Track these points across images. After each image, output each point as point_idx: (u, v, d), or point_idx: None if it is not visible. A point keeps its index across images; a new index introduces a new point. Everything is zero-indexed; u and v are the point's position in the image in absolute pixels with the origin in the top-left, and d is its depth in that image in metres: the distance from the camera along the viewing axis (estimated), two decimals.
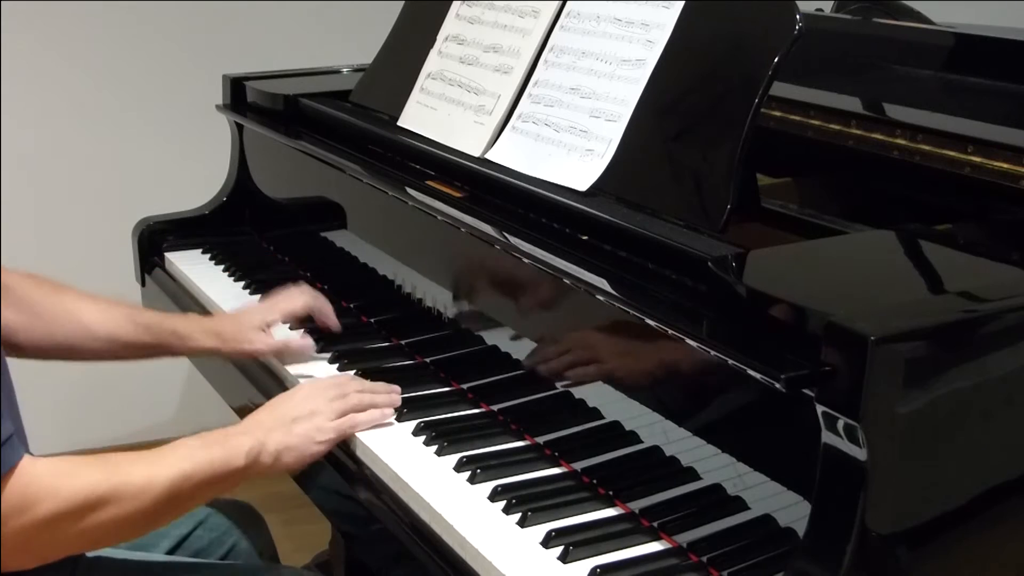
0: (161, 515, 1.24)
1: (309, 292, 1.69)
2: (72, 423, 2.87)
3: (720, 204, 1.28)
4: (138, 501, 1.18)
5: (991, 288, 1.14)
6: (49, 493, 1.13)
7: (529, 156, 1.52)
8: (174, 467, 1.22)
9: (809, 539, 1.03)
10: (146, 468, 1.21)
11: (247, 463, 1.29)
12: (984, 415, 1.08)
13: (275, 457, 1.32)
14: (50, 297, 1.52)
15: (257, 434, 1.32)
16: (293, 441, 1.34)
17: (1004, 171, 1.46)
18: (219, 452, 1.27)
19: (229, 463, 1.27)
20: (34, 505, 1.12)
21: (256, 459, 1.30)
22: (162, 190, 2.67)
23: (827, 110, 1.70)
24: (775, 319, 1.08)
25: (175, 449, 1.25)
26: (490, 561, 1.17)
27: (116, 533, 1.22)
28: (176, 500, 1.22)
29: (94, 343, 1.54)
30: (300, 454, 1.35)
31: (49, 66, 2.74)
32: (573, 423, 1.36)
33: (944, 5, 2.25)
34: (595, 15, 1.53)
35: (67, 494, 1.14)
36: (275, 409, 1.39)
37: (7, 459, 1.11)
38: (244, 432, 1.33)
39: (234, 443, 1.29)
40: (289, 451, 1.33)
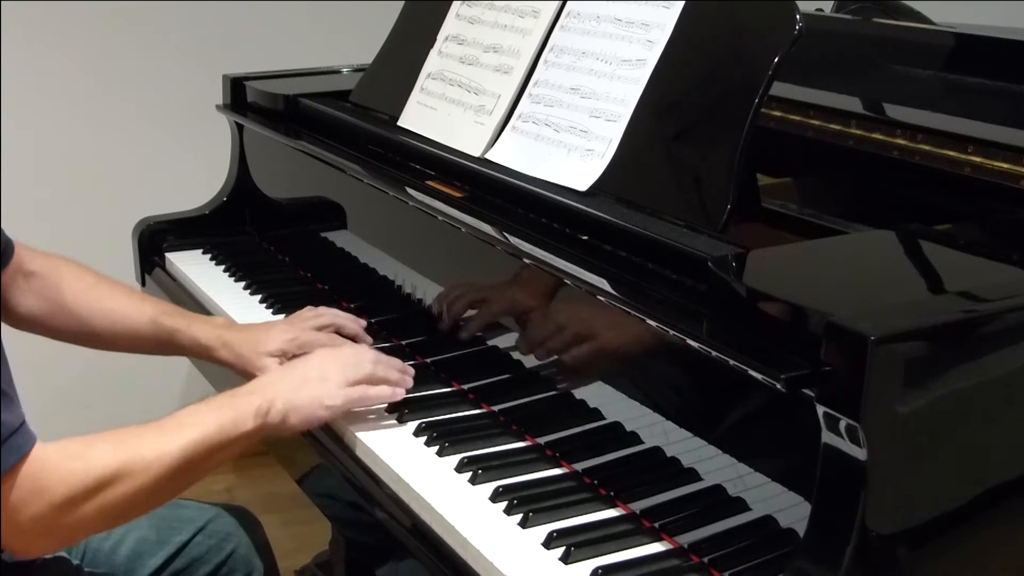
0: (176, 484, 1.24)
1: (329, 321, 1.63)
2: (72, 423, 2.85)
3: (720, 204, 1.28)
4: (151, 473, 1.19)
5: (991, 288, 1.14)
6: (62, 476, 1.14)
7: (529, 156, 1.52)
8: (183, 435, 1.23)
9: (809, 539, 1.03)
10: (156, 439, 1.21)
11: (256, 424, 1.29)
12: (984, 415, 1.08)
13: (283, 416, 1.32)
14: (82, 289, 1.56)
15: (266, 392, 1.32)
16: (301, 402, 1.34)
17: (1004, 171, 1.46)
18: (228, 414, 1.27)
19: (239, 425, 1.27)
20: (49, 489, 1.13)
21: (265, 418, 1.30)
22: (162, 190, 2.67)
23: (827, 110, 1.70)
24: (775, 319, 1.08)
25: (183, 417, 1.26)
26: (491, 562, 1.17)
27: (134, 507, 1.22)
28: (189, 467, 1.23)
29: (117, 339, 1.59)
30: (306, 416, 1.34)
31: (49, 66, 2.74)
32: (574, 424, 1.36)
33: (944, 5, 2.25)
34: (595, 15, 1.53)
35: (80, 475, 1.15)
36: (288, 370, 1.40)
37: (19, 446, 1.12)
38: (252, 391, 1.33)
39: (242, 403, 1.30)
40: (296, 411, 1.33)
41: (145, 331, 1.59)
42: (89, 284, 1.58)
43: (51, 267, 1.56)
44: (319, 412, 1.36)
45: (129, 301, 1.60)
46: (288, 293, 1.88)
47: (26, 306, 1.53)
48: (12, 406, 1.13)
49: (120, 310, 1.58)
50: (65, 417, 2.83)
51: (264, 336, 1.58)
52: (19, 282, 1.52)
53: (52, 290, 1.54)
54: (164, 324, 1.59)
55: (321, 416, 1.36)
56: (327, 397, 1.36)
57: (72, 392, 2.84)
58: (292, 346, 1.58)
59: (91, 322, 1.57)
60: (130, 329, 1.58)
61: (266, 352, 1.56)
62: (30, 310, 1.53)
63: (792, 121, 1.73)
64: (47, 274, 1.54)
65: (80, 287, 1.57)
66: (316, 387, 1.36)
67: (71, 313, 1.56)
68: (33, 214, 2.74)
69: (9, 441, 1.11)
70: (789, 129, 1.73)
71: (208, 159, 2.42)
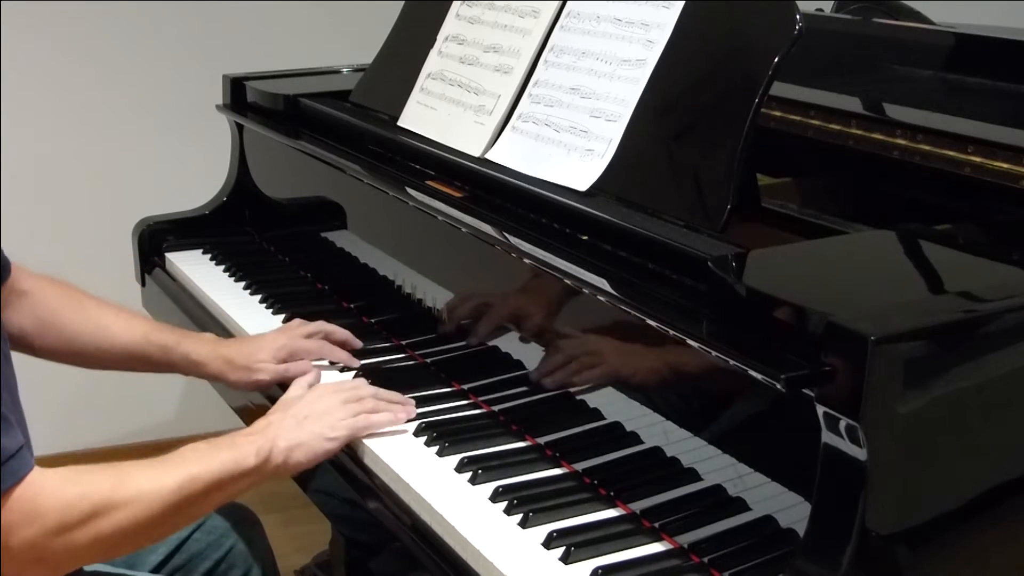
0: (171, 519, 1.23)
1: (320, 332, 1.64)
2: (72, 423, 2.86)
3: (720, 204, 1.28)
4: (146, 506, 1.18)
5: (991, 288, 1.14)
6: (57, 502, 1.13)
7: (529, 156, 1.52)
8: (183, 471, 1.22)
9: (809, 539, 1.03)
10: (153, 472, 1.21)
11: (258, 462, 1.28)
12: (984, 415, 1.08)
13: (286, 455, 1.31)
14: (72, 308, 1.56)
15: (267, 433, 1.32)
16: (304, 438, 1.33)
17: (1004, 171, 1.46)
18: (228, 453, 1.27)
19: (239, 463, 1.27)
20: (43, 515, 1.12)
21: (267, 458, 1.29)
22: (162, 190, 2.67)
23: (827, 110, 1.70)
24: (775, 319, 1.08)
25: (183, 453, 1.25)
26: (491, 562, 1.17)
27: (128, 540, 1.21)
28: (186, 504, 1.22)
29: (106, 356, 1.58)
30: (311, 451, 1.34)
31: (49, 66, 2.74)
32: (574, 424, 1.36)
33: (944, 5, 2.25)
34: (595, 15, 1.53)
35: (74, 502, 1.14)
36: (286, 408, 1.39)
37: (16, 470, 1.11)
38: (253, 432, 1.33)
39: (243, 442, 1.29)
40: (300, 448, 1.33)
41: (136, 349, 1.58)
42: (79, 303, 1.57)
43: (42, 287, 1.54)
44: (324, 445, 1.35)
45: (119, 319, 1.59)
46: (288, 293, 1.88)
47: (18, 325, 1.51)
48: (11, 431, 1.12)
49: (110, 328, 1.57)
50: (66, 417, 2.83)
51: (256, 346, 1.60)
52: (12, 301, 1.50)
53: (43, 309, 1.54)
54: (154, 341, 1.58)
55: (327, 448, 1.36)
56: (330, 430, 1.36)
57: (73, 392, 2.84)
58: (283, 353, 1.59)
59: (81, 341, 1.56)
60: (120, 347, 1.58)
61: (258, 359, 1.57)
62: (22, 329, 1.52)
63: (792, 121, 1.73)
64: (38, 293, 1.53)
65: (70, 306, 1.56)
66: (317, 422, 1.36)
67: (61, 332, 1.55)
68: (33, 214, 2.74)
69: (7, 465, 1.10)
70: (789, 129, 1.73)
71: (208, 159, 2.42)
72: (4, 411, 1.11)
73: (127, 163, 2.84)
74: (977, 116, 1.62)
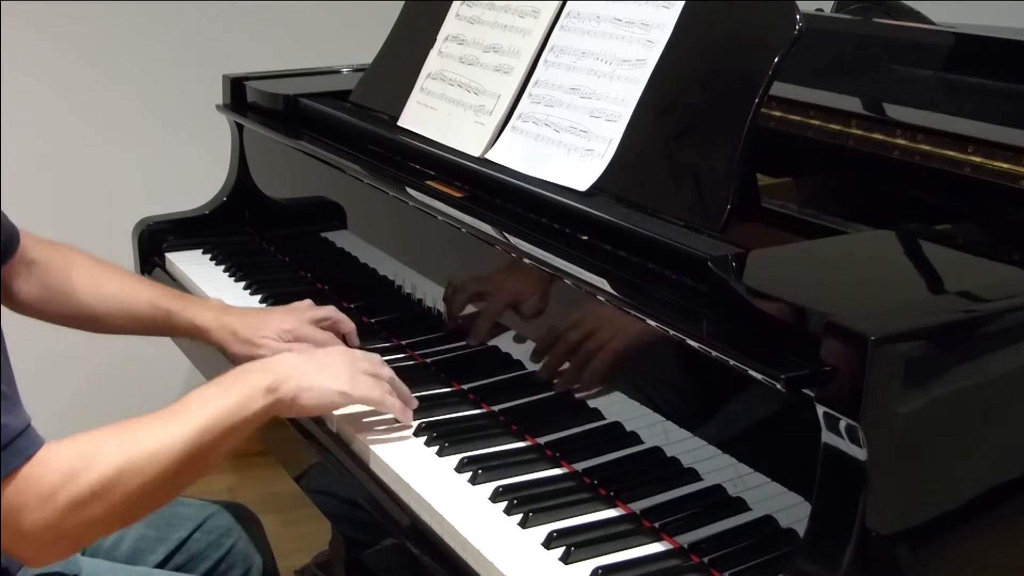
0: (187, 473, 1.20)
1: (330, 311, 1.64)
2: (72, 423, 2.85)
3: (720, 204, 1.28)
4: (158, 468, 1.16)
5: (991, 288, 1.14)
6: (65, 479, 1.11)
7: (529, 156, 1.52)
8: (190, 422, 1.19)
9: (809, 539, 1.03)
10: (161, 429, 1.18)
11: (267, 402, 1.26)
12: (984, 415, 1.08)
13: (296, 393, 1.29)
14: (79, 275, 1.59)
15: (279, 371, 1.29)
16: (315, 383, 1.31)
17: (1004, 171, 1.46)
18: (237, 395, 1.24)
19: (248, 405, 1.24)
20: (52, 494, 1.10)
21: (276, 395, 1.27)
22: (162, 190, 2.67)
23: (827, 110, 1.70)
24: (775, 319, 1.08)
25: (190, 401, 1.22)
26: (491, 562, 1.17)
27: (144, 503, 1.19)
28: (198, 456, 1.19)
29: (114, 321, 1.60)
30: (318, 397, 1.31)
31: (49, 66, 2.73)
32: (574, 424, 1.36)
33: (944, 5, 2.25)
34: (595, 15, 1.53)
35: (83, 475, 1.11)
36: (303, 354, 1.38)
37: (23, 449, 1.09)
38: (263, 368, 1.30)
39: (251, 380, 1.27)
40: (309, 391, 1.30)
41: (142, 313, 1.59)
42: (87, 268, 1.60)
43: (50, 254, 1.57)
44: (331, 396, 1.33)
45: (125, 284, 1.61)
46: (288, 293, 1.87)
47: (28, 293, 1.55)
48: (15, 409, 1.11)
49: (117, 293, 1.59)
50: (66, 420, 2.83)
51: (262, 322, 1.59)
52: (21, 271, 1.54)
53: (50, 276, 1.56)
54: (160, 306, 1.60)
55: (334, 401, 1.33)
56: (343, 383, 1.33)
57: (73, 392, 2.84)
58: (288, 336, 1.58)
59: (88, 306, 1.58)
60: (127, 311, 1.59)
61: (262, 335, 1.57)
62: (31, 296, 1.55)
63: (792, 121, 1.73)
64: (46, 261, 1.56)
65: (78, 272, 1.59)
66: (331, 373, 1.33)
67: (68, 297, 1.57)
68: (33, 214, 2.72)
69: (12, 445, 1.08)
70: (789, 129, 1.73)
71: (208, 159, 2.42)
72: (6, 389, 1.09)
73: (127, 163, 2.84)
74: (977, 116, 1.62)
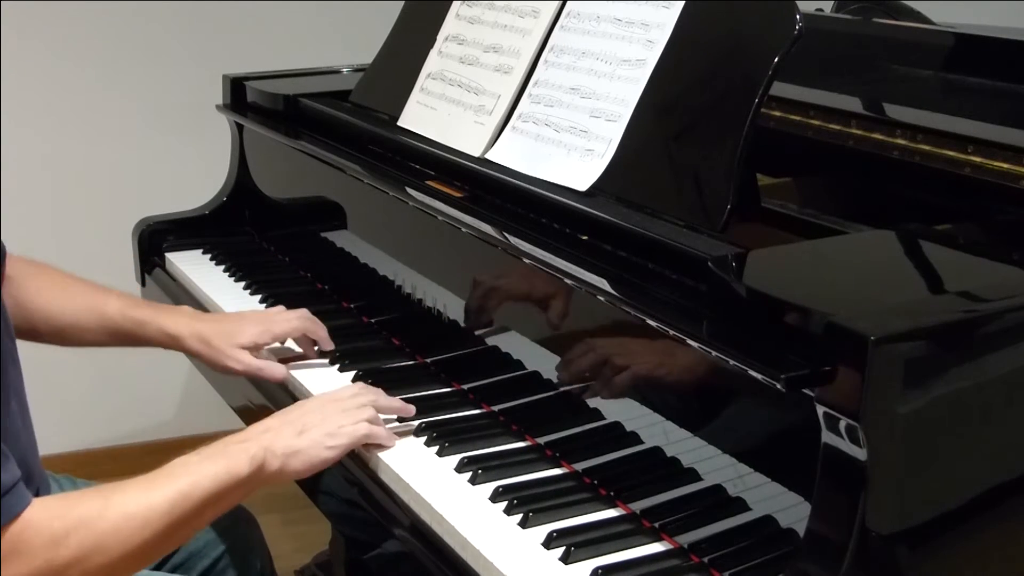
0: (166, 540, 1.18)
1: (303, 315, 1.63)
2: (73, 423, 2.86)
3: (720, 204, 1.28)
4: (137, 531, 1.13)
5: (991, 288, 1.14)
6: (46, 540, 1.08)
7: (529, 156, 1.52)
8: (172, 488, 1.17)
9: (809, 539, 1.03)
10: (143, 496, 1.15)
11: (252, 470, 1.23)
12: (984, 415, 1.08)
13: (283, 461, 1.27)
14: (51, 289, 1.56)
15: (262, 440, 1.27)
16: (302, 445, 1.29)
17: (1004, 171, 1.46)
18: (221, 464, 1.21)
19: (232, 473, 1.21)
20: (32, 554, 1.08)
21: (262, 465, 1.24)
22: (162, 190, 2.67)
23: (827, 110, 1.70)
24: (775, 319, 1.08)
25: (172, 469, 1.20)
26: (491, 562, 1.17)
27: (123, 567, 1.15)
28: (180, 522, 1.17)
29: (86, 335, 1.58)
30: (309, 459, 1.29)
31: (49, 66, 2.74)
32: (574, 424, 1.36)
33: (944, 5, 2.25)
34: (595, 15, 1.53)
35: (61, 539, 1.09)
36: (285, 414, 1.34)
37: (11, 507, 1.07)
38: (246, 439, 1.27)
39: (235, 451, 1.24)
40: (297, 456, 1.28)
41: (113, 323, 1.58)
42: (56, 280, 1.58)
43: (21, 270, 1.54)
44: (323, 454, 1.30)
45: (95, 295, 1.59)
46: (288, 293, 1.88)
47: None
48: (7, 464, 1.08)
49: (87, 305, 1.57)
50: (67, 418, 2.83)
51: (237, 327, 1.57)
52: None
53: (23, 292, 1.54)
54: (131, 315, 1.58)
55: (325, 457, 1.31)
56: (329, 438, 1.31)
57: (73, 392, 2.84)
58: (266, 337, 1.57)
59: (59, 318, 1.56)
60: (97, 322, 1.58)
61: (239, 344, 1.55)
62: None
63: (792, 121, 1.73)
64: (18, 277, 1.53)
65: (47, 284, 1.57)
66: (317, 429, 1.31)
67: (41, 314, 1.55)
68: (33, 214, 2.74)
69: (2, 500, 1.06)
70: (789, 129, 1.73)
71: (208, 159, 2.42)
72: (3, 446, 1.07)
73: (127, 163, 2.84)
74: (977, 116, 1.62)
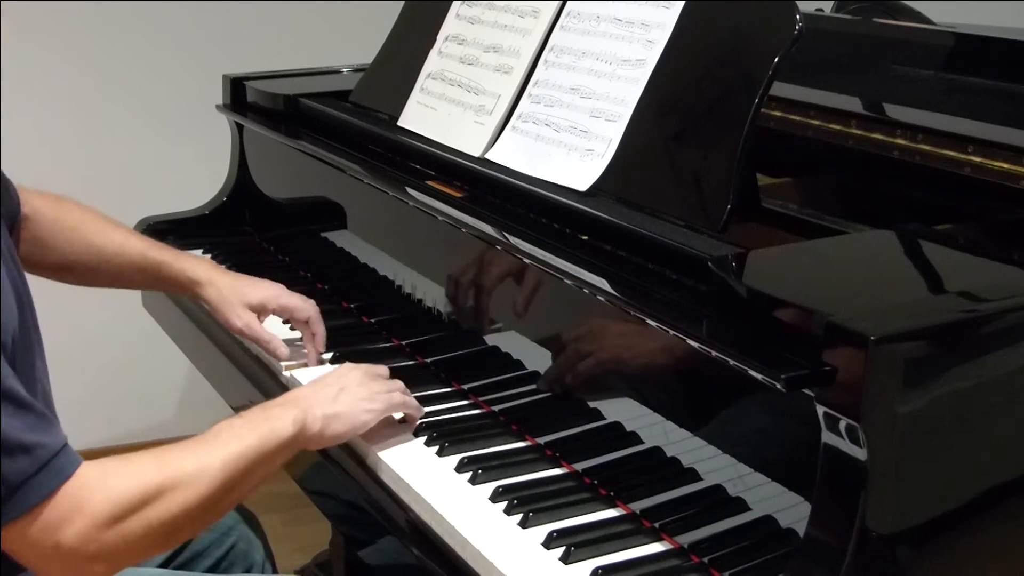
0: (221, 500, 1.21)
1: (314, 309, 1.64)
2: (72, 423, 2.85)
3: (720, 204, 1.28)
4: (195, 488, 1.16)
5: (991, 288, 1.14)
6: (104, 493, 1.11)
7: (529, 156, 1.52)
8: (224, 449, 1.21)
9: (809, 539, 1.03)
10: (197, 455, 1.19)
11: (295, 431, 1.27)
12: (984, 415, 1.08)
13: (323, 423, 1.30)
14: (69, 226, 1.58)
15: (300, 403, 1.31)
16: (341, 408, 1.32)
17: (1004, 171, 1.46)
18: (265, 427, 1.25)
19: (278, 434, 1.25)
20: (91, 507, 1.10)
21: (303, 426, 1.28)
22: (162, 190, 2.66)
23: (827, 110, 1.70)
24: (775, 319, 1.08)
25: (220, 431, 1.24)
26: (491, 562, 1.17)
27: (180, 524, 1.18)
28: (232, 481, 1.20)
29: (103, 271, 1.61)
30: (350, 421, 1.33)
31: (49, 66, 2.73)
32: (574, 424, 1.36)
33: (944, 5, 2.25)
34: (595, 15, 1.53)
35: (123, 493, 1.12)
36: (317, 383, 1.38)
37: (62, 467, 1.09)
38: (284, 403, 1.31)
39: (277, 413, 1.28)
40: (339, 418, 1.32)
41: (132, 262, 1.60)
42: (77, 220, 1.59)
43: (39, 206, 1.56)
44: (362, 416, 1.34)
45: (116, 233, 1.61)
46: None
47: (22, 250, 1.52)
48: (52, 428, 1.11)
49: (108, 245, 1.59)
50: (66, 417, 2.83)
51: (250, 288, 1.61)
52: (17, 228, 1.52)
53: (41, 229, 1.55)
54: (152, 256, 1.61)
55: (364, 420, 1.35)
56: (366, 401, 1.35)
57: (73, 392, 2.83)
58: (274, 304, 1.60)
59: (80, 258, 1.58)
60: (117, 261, 1.60)
61: (247, 303, 1.59)
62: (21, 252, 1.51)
63: (792, 121, 1.73)
64: (35, 214, 1.54)
65: (68, 221, 1.58)
66: (353, 393, 1.35)
67: (59, 251, 1.57)
68: None
69: (51, 464, 1.08)
70: (789, 129, 1.73)
71: (208, 159, 2.42)
72: (43, 409, 1.10)
73: (127, 163, 2.84)
74: (977, 116, 1.62)
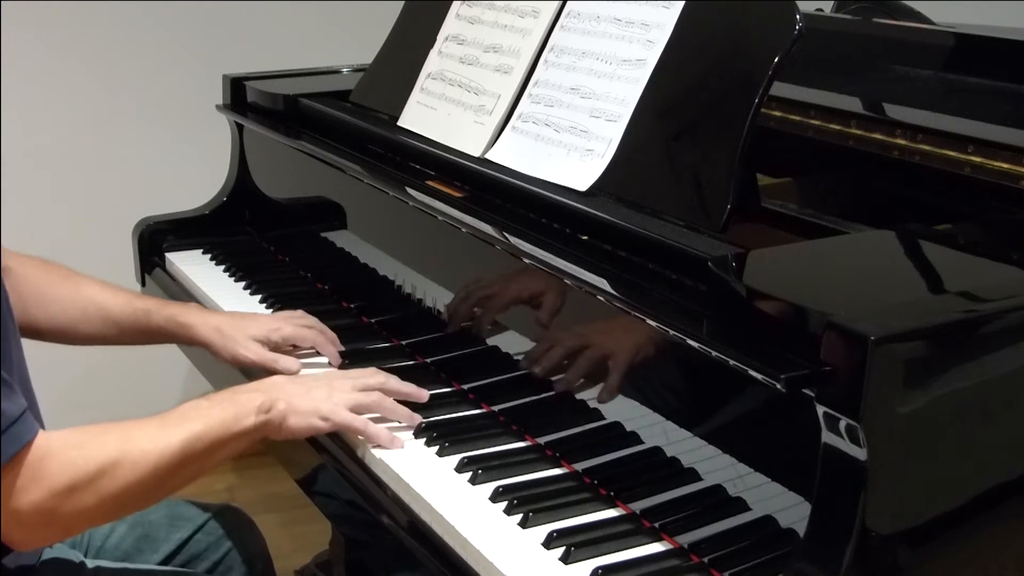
0: (176, 477, 1.24)
1: (316, 325, 1.64)
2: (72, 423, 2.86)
3: (720, 204, 1.28)
4: (151, 464, 1.20)
5: (991, 288, 1.14)
6: (62, 463, 1.15)
7: (529, 156, 1.53)
8: (185, 428, 1.23)
9: (809, 539, 1.03)
10: (157, 431, 1.22)
11: (258, 420, 1.29)
12: (984, 415, 1.08)
13: (283, 416, 1.32)
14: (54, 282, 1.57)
15: (271, 392, 1.33)
16: (302, 406, 1.33)
17: (1004, 171, 1.46)
18: (230, 410, 1.27)
19: (240, 420, 1.28)
20: (49, 476, 1.14)
21: (267, 416, 1.30)
22: (162, 190, 2.67)
23: (827, 110, 1.70)
24: (775, 319, 1.08)
25: (186, 411, 1.26)
26: (491, 562, 1.17)
27: (134, 498, 1.22)
28: (189, 460, 1.23)
29: (91, 328, 1.58)
30: (303, 422, 1.34)
31: (49, 66, 2.73)
32: (574, 424, 1.36)
33: (944, 5, 2.25)
34: (595, 15, 1.53)
35: (80, 462, 1.16)
36: (296, 377, 1.40)
37: (20, 435, 1.13)
38: (256, 388, 1.34)
39: (245, 399, 1.30)
40: (295, 415, 1.33)
41: (120, 314, 1.58)
42: (61, 277, 1.59)
43: (22, 263, 1.55)
44: (315, 421, 1.35)
45: (103, 290, 1.60)
46: (288, 293, 1.88)
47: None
48: (13, 395, 1.13)
49: (94, 299, 1.58)
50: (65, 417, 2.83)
51: (250, 322, 1.61)
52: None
53: (25, 285, 1.54)
54: (138, 306, 1.60)
55: (316, 426, 1.35)
56: (327, 411, 1.35)
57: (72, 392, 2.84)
58: (277, 336, 1.58)
59: (66, 315, 1.57)
60: (105, 317, 1.58)
61: (251, 336, 1.57)
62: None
63: (792, 121, 1.73)
64: (19, 269, 1.53)
65: (52, 281, 1.57)
66: (319, 396, 1.36)
67: (45, 308, 1.56)
68: (33, 214, 2.74)
69: (10, 430, 1.11)
70: (789, 129, 1.73)
71: (208, 159, 2.42)
72: (4, 375, 1.12)
73: (127, 163, 2.84)
74: (977, 116, 1.62)
